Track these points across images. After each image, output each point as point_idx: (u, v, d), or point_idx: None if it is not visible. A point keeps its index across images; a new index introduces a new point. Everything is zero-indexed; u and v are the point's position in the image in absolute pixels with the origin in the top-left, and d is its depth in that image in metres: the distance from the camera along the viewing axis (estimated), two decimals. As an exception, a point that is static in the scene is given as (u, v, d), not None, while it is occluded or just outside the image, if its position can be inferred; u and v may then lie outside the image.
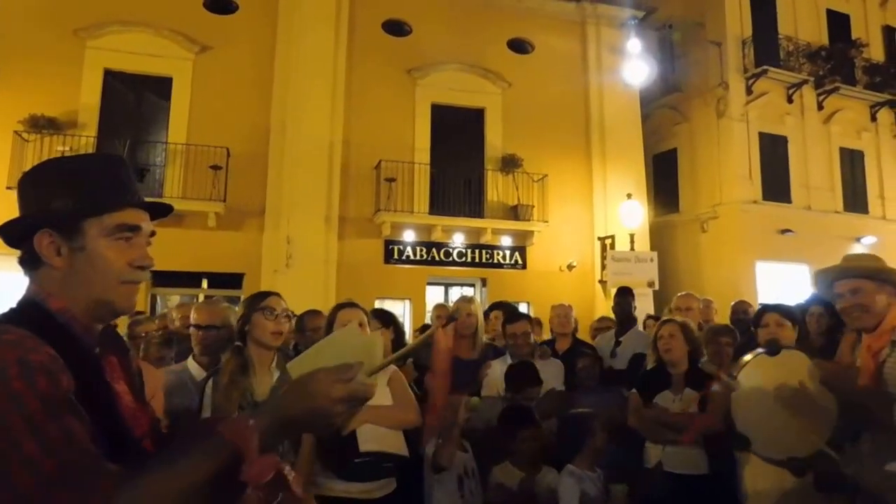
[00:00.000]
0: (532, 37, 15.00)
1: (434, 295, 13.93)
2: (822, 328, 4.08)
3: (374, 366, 1.29)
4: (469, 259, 14.04)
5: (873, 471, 2.38)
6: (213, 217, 12.15)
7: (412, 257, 13.68)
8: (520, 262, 14.24)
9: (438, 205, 13.64)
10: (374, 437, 2.97)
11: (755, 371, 2.91)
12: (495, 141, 14.31)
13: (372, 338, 1.44)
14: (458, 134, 14.13)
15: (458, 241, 13.85)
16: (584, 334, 6.40)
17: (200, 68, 12.79)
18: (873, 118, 18.08)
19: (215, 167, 12.12)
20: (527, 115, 14.30)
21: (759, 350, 3.07)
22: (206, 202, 12.04)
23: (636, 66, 14.72)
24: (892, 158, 18.26)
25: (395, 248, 13.57)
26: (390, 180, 13.12)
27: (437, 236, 13.66)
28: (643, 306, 9.24)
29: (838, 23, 18.13)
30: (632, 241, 13.56)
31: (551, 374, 4.34)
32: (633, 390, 3.90)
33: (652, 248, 14.17)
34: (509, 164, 13.92)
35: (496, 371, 4.23)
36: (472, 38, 14.28)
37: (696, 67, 16.79)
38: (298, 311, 4.43)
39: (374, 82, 13.57)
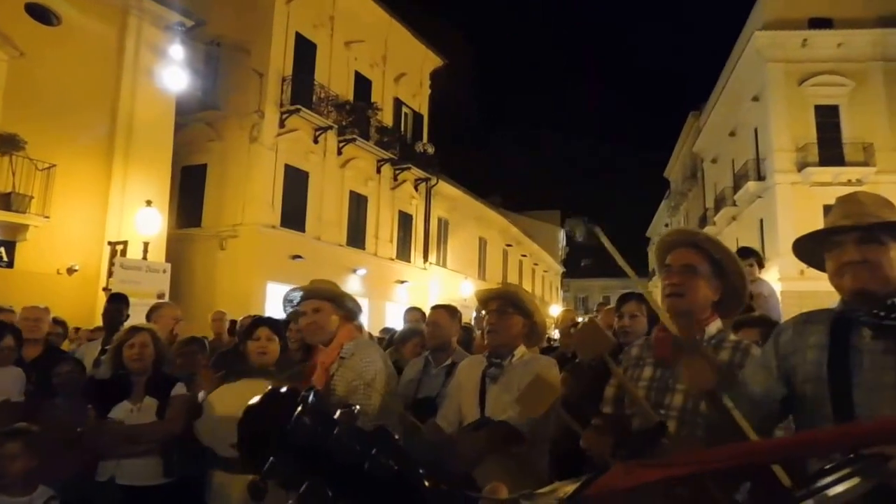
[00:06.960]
0: (59, 8, 13.28)
1: None
2: (301, 343, 4.58)
3: None
4: (-69, 249, 11.56)
5: None
6: None
7: None
8: (6, 259, 12.28)
9: None
10: None
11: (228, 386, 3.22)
12: (-7, 115, 12.18)
13: None
14: (-60, 95, 11.65)
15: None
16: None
17: None
18: (378, 171, 21.44)
19: None
20: (40, 94, 12.53)
21: None
22: None
23: (176, 74, 14.44)
24: (387, 206, 21.92)
25: None
26: None
27: None
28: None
29: (363, 85, 21.09)
30: (145, 250, 13.01)
31: (9, 383, 4.03)
32: (89, 405, 3.72)
33: (168, 260, 13.81)
34: (9, 144, 11.94)
35: None
36: (-20, -14, 11.98)
37: (237, 91, 17.25)
38: None
39: None
